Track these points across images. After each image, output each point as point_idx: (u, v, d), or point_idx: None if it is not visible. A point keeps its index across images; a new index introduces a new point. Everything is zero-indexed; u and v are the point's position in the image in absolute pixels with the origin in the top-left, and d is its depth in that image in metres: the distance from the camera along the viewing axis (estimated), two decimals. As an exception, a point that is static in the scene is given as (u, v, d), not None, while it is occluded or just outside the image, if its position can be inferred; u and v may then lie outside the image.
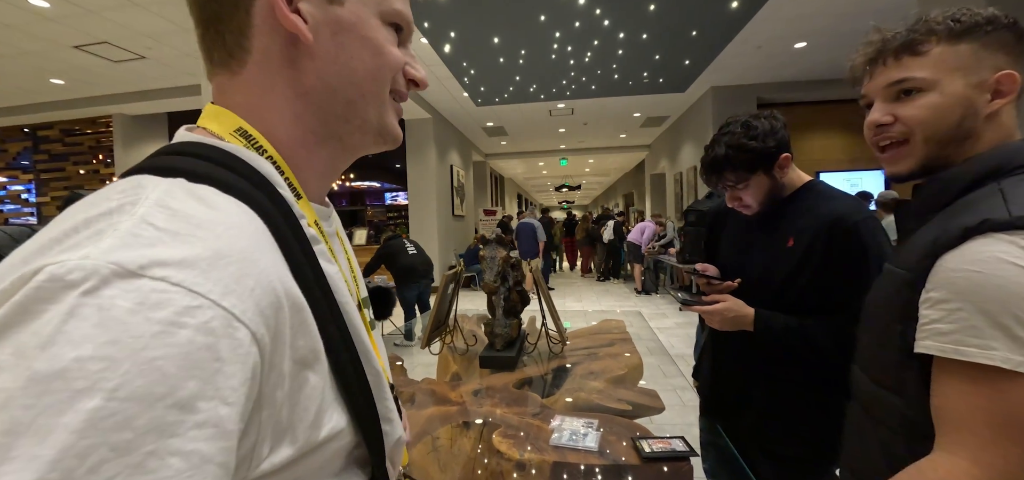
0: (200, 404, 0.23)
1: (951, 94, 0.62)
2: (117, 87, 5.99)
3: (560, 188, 21.46)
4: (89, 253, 0.23)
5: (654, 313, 6.16)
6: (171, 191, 0.27)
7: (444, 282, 1.82)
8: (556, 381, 1.58)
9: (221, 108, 0.36)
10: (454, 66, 5.80)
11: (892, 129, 0.67)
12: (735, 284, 1.14)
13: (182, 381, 0.22)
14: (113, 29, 4.37)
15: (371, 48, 0.37)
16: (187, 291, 0.23)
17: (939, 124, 0.63)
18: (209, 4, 0.35)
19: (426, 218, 7.92)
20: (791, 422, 1.08)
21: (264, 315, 0.26)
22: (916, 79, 0.63)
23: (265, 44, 0.35)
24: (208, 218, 0.27)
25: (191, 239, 0.25)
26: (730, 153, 1.07)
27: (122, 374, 0.21)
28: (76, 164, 7.28)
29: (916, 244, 0.62)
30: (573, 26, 4.78)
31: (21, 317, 0.21)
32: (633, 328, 2.31)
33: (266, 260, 0.29)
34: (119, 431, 0.20)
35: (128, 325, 0.21)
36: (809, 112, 6.64)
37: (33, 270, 0.22)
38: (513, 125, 9.15)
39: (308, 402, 0.30)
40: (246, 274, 0.26)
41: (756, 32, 4.93)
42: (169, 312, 0.23)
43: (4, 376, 0.20)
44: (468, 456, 1.13)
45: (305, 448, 0.30)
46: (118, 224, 0.24)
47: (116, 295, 0.22)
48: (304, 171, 0.38)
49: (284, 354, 0.28)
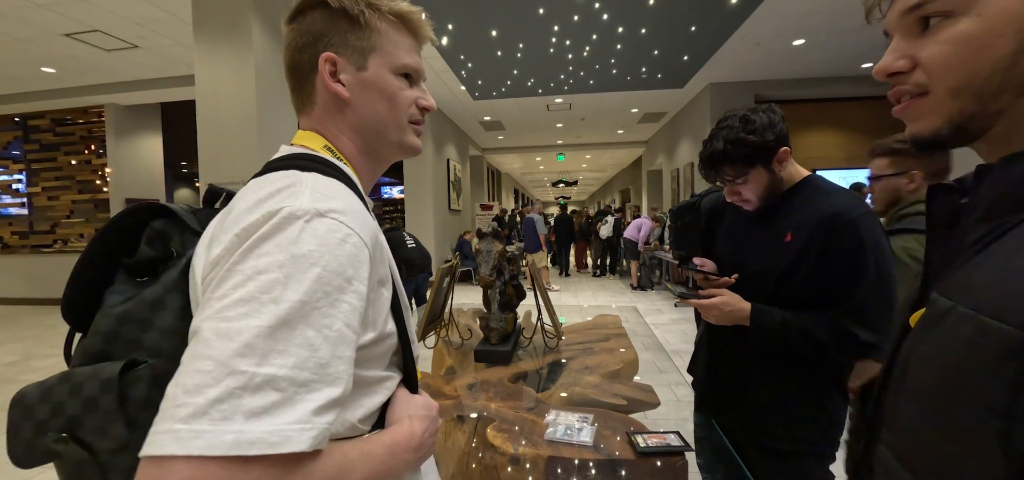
0: (354, 281, 0.44)
1: (997, 14, 0.38)
2: (109, 76, 5.91)
3: (557, 184, 21.46)
4: (301, 202, 0.43)
5: (650, 308, 6.17)
6: (317, 177, 0.47)
7: (439, 276, 1.81)
8: (551, 376, 1.58)
9: (310, 132, 0.57)
10: (451, 59, 5.76)
11: (908, 78, 0.44)
12: (733, 280, 1.13)
13: (348, 267, 0.43)
14: (105, 17, 4.30)
15: (388, 96, 0.58)
16: (346, 226, 0.44)
17: (975, 65, 0.40)
18: (295, 80, 0.58)
19: (422, 212, 7.90)
20: (786, 417, 1.07)
21: (373, 243, 0.48)
22: (939, 1, 0.41)
23: (324, 99, 0.57)
24: (340, 192, 0.48)
25: (340, 201, 0.46)
26: (728, 147, 1.06)
27: (326, 259, 0.41)
28: (68, 154, 7.19)
29: (1008, 274, 0.36)
30: (572, 20, 4.75)
31: (277, 230, 0.41)
32: (629, 323, 2.31)
33: (369, 217, 0.50)
34: (327, 285, 0.41)
35: (326, 237, 0.42)
36: (807, 110, 6.65)
37: (277, 208, 0.42)
38: (510, 119, 9.12)
39: (381, 306, 0.50)
40: (367, 223, 0.48)
41: (755, 28, 4.92)
42: (341, 234, 0.43)
43: (277, 254, 0.40)
44: (462, 450, 1.12)
45: (377, 337, 0.50)
46: (304, 190, 0.45)
47: (318, 223, 0.42)
48: (360, 173, 0.59)
49: (375, 270, 0.48)
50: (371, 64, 0.56)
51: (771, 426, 1.09)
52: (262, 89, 3.61)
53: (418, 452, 0.53)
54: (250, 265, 0.39)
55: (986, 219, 0.42)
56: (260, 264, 0.39)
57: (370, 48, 0.56)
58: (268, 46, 3.69)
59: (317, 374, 0.38)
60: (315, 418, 0.38)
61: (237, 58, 3.56)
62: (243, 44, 3.54)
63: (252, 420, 0.35)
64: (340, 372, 0.41)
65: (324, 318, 0.40)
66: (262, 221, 0.41)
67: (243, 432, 0.34)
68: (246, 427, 0.34)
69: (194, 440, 0.33)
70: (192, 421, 0.34)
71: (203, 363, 0.35)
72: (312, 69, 0.55)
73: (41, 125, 7.22)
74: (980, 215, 0.43)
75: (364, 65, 0.56)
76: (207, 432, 0.33)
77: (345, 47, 0.55)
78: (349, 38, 0.55)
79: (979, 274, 0.39)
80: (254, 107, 3.55)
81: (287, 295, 0.38)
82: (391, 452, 0.49)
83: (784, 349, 1.03)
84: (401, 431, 0.51)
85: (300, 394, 0.37)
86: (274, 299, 0.38)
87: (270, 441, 0.35)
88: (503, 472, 1.02)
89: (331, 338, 0.40)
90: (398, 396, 0.55)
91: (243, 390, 0.35)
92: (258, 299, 0.38)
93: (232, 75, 3.57)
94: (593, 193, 27.01)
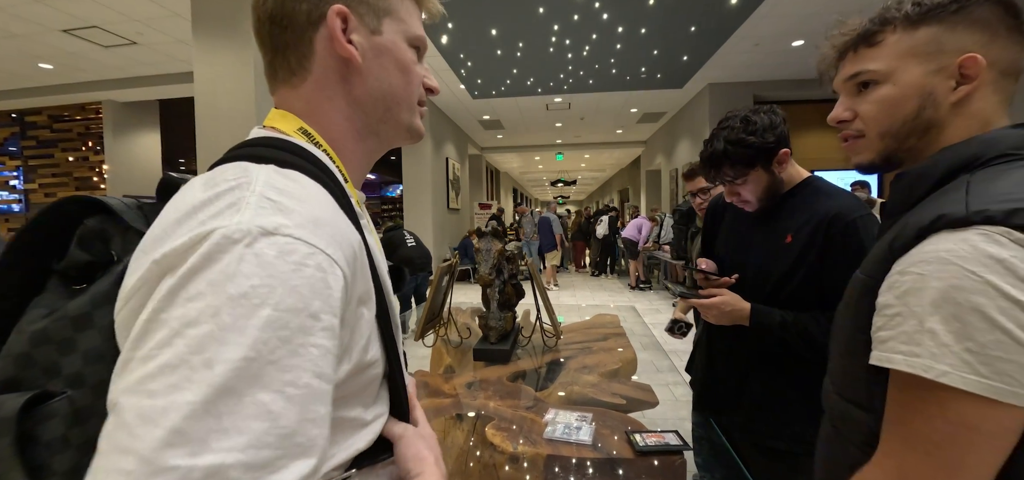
0: (322, 315, 0.33)
1: (906, 84, 0.58)
2: (107, 73, 5.87)
3: (555, 183, 21.45)
4: (240, 220, 0.32)
5: (648, 308, 6.18)
6: (271, 175, 0.37)
7: (438, 274, 1.81)
8: (550, 375, 1.58)
9: (285, 112, 0.47)
10: (451, 58, 5.75)
11: (851, 125, 0.65)
12: (733, 280, 1.13)
13: (311, 299, 0.33)
14: (103, 13, 4.28)
15: (402, 66, 0.49)
16: (306, 243, 0.33)
17: (893, 117, 0.59)
18: (280, 36, 0.45)
19: (421, 211, 7.89)
20: (784, 417, 1.08)
21: (347, 260, 0.37)
22: (869, 71, 0.61)
23: (324, 65, 0.46)
24: (302, 193, 0.37)
25: (298, 208, 0.35)
26: (729, 148, 1.06)
27: (279, 295, 0.31)
28: (65, 151, 7.15)
29: (878, 246, 0.58)
30: (572, 19, 4.74)
31: (208, 262, 0.31)
32: (627, 323, 2.31)
33: (344, 223, 0.39)
34: (282, 329, 0.31)
35: (276, 265, 0.32)
36: (805, 111, 6.65)
37: (207, 231, 0.32)
38: (510, 119, 9.11)
39: (363, 330, 0.40)
40: (338, 231, 0.37)
41: (754, 29, 4.92)
42: (298, 257, 0.33)
43: (209, 298, 0.30)
44: (461, 448, 1.12)
45: (357, 368, 0.39)
46: (247, 198, 0.34)
47: (264, 246, 0.32)
48: (350, 161, 0.49)
49: (355, 290, 0.38)
50: (386, 28, 0.48)
51: (769, 425, 1.09)
52: (261, 87, 3.60)
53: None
54: (176, 314, 0.30)
55: (888, 216, 0.63)
56: (188, 313, 0.29)
57: (386, 9, 0.48)
58: (267, 43, 3.68)
59: (281, 448, 0.29)
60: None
61: (236, 55, 3.54)
62: (242, 41, 3.53)
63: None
64: (313, 438, 0.31)
65: (284, 373, 0.30)
66: (188, 248, 0.31)
67: None
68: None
69: None
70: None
71: (125, 459, 0.26)
72: (313, 24, 0.45)
73: (38, 121, 7.18)
74: (888, 211, 0.64)
75: (379, 28, 0.48)
76: None
77: (359, 2, 0.46)
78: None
79: (871, 251, 0.61)
80: (253, 104, 3.54)
81: (224, 353, 0.29)
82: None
83: (783, 349, 1.04)
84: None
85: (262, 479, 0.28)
86: (206, 361, 0.28)
87: None
88: (502, 470, 1.03)
89: (297, 398, 0.31)
90: (407, 437, 0.46)
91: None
92: (188, 363, 0.28)
93: (231, 72, 3.56)
94: (592, 193, 27.02)
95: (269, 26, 0.46)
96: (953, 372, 0.44)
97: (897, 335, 0.48)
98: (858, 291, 0.58)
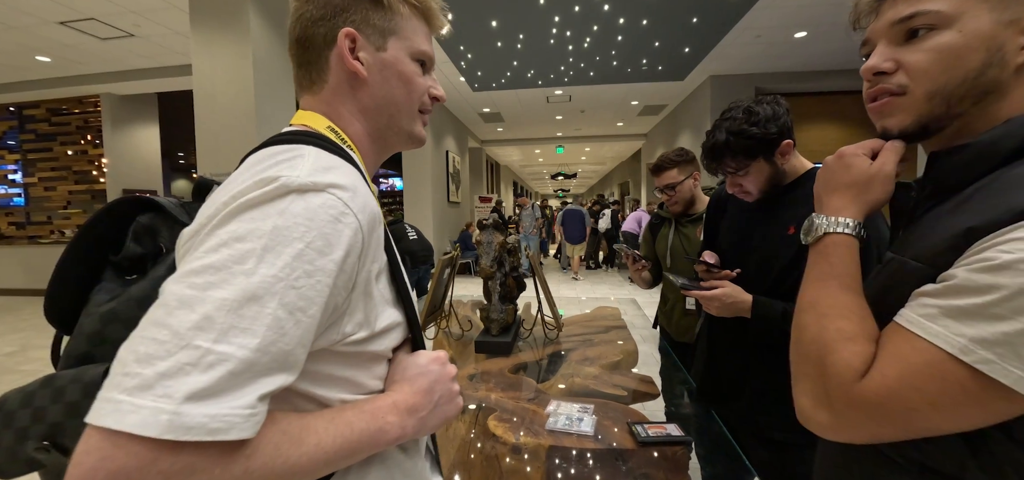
0: (342, 263, 0.41)
1: (973, 32, 0.47)
2: (105, 65, 5.84)
3: (556, 176, 21.40)
4: (299, 173, 0.41)
5: (648, 301, 6.18)
6: (319, 152, 0.45)
7: (440, 267, 1.81)
8: (551, 367, 1.58)
9: (312, 113, 0.55)
10: (451, 50, 5.72)
11: (891, 79, 0.52)
12: (734, 274, 1.13)
13: (337, 248, 0.40)
14: (100, 4, 4.25)
15: (404, 80, 0.56)
16: (344, 205, 0.42)
17: (952, 72, 0.48)
18: (304, 54, 0.55)
19: (421, 204, 7.88)
20: (784, 407, 1.07)
21: (370, 229, 0.45)
22: (929, 13, 0.48)
23: (337, 77, 0.54)
24: (343, 168, 0.45)
25: (341, 180, 0.43)
26: (731, 139, 1.05)
27: (312, 236, 0.39)
28: (64, 144, 7.13)
29: (936, 230, 0.48)
30: (572, 11, 4.71)
31: (268, 199, 0.39)
32: (628, 315, 2.32)
33: (372, 199, 0.47)
34: (309, 263, 0.38)
35: (318, 213, 0.40)
36: (808, 103, 6.62)
37: (272, 176, 0.40)
38: (510, 111, 9.07)
39: (376, 301, 0.47)
40: (368, 202, 0.45)
41: (756, 20, 4.89)
42: (336, 211, 0.41)
43: (261, 223, 0.38)
44: (463, 440, 1.12)
45: (372, 333, 0.47)
46: (303, 161, 0.42)
47: (314, 198, 0.40)
48: (365, 159, 0.57)
49: (369, 254, 0.45)
50: (391, 46, 0.55)
51: (770, 416, 1.09)
52: (260, 79, 3.58)
53: (415, 414, 0.48)
54: (229, 229, 0.37)
55: (934, 194, 0.53)
56: (239, 230, 0.37)
57: (391, 30, 0.55)
58: (266, 35, 3.65)
59: (278, 360, 0.36)
60: (261, 404, 0.35)
61: (235, 48, 3.52)
62: (241, 33, 3.50)
63: (193, 402, 0.32)
64: (299, 359, 0.38)
65: (300, 299, 0.37)
66: (254, 188, 0.39)
67: (179, 414, 0.31)
68: (184, 408, 0.31)
69: (131, 415, 0.30)
70: (136, 394, 0.31)
71: (159, 331, 0.33)
72: (327, 44, 0.53)
73: (37, 115, 7.16)
74: (929, 192, 0.54)
75: (384, 46, 0.55)
76: (144, 408, 0.31)
77: (366, 25, 0.54)
78: (371, 17, 0.54)
79: (913, 234, 0.54)
80: (252, 97, 3.52)
81: (261, 268, 0.36)
82: (370, 416, 0.45)
83: (785, 341, 1.03)
84: (385, 396, 0.48)
85: (255, 378, 0.35)
86: (246, 271, 0.35)
87: (210, 427, 0.32)
88: (504, 462, 1.03)
89: (303, 323, 0.38)
90: (396, 359, 0.52)
91: (193, 367, 0.32)
92: (229, 268, 0.35)
93: (230, 65, 3.53)
94: (592, 186, 26.98)
95: (296, 47, 0.55)
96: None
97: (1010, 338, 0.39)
98: (909, 281, 0.49)
